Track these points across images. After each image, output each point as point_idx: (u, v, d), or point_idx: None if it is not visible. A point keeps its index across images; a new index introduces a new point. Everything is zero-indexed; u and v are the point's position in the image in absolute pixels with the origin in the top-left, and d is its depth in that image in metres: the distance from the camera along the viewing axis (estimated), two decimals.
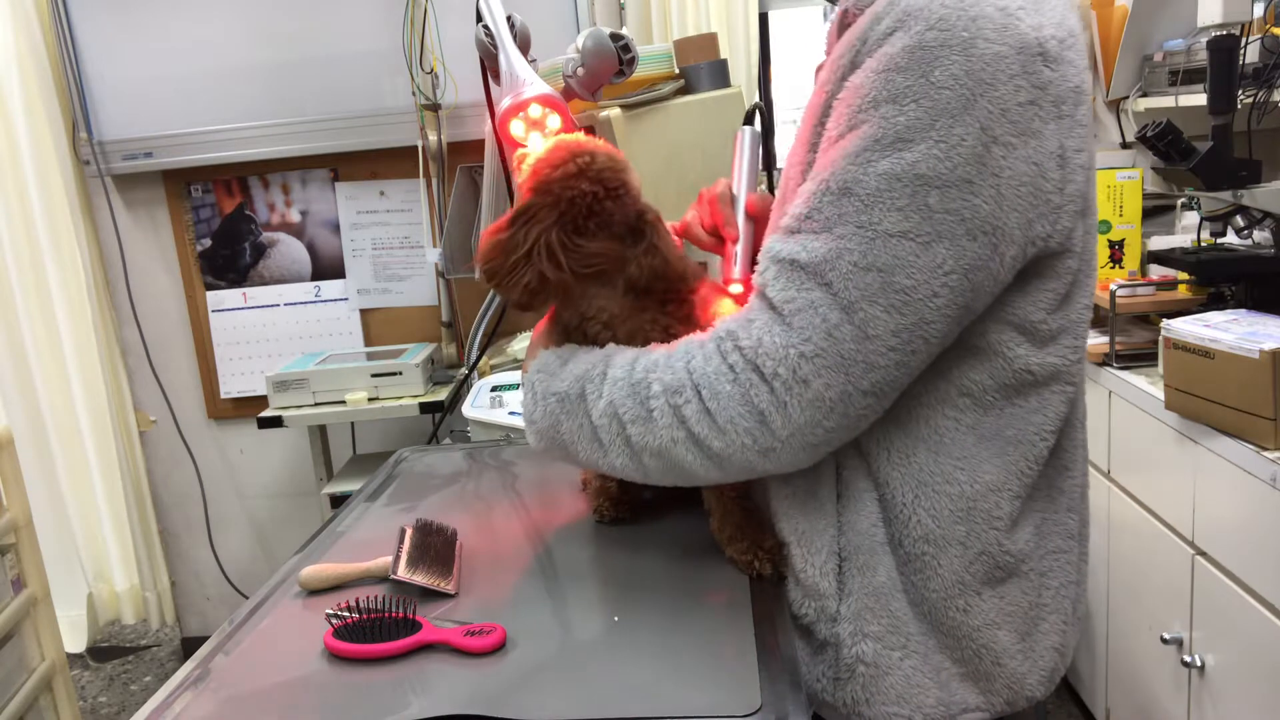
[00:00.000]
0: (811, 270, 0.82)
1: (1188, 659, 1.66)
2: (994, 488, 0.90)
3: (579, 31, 2.08)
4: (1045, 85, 0.81)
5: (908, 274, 0.80)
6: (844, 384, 0.81)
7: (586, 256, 0.94)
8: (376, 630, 0.87)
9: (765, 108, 2.85)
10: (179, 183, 2.83)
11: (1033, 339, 0.88)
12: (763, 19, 2.83)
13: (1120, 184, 2.08)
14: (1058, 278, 0.87)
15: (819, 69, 0.98)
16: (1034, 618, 0.94)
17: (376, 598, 0.90)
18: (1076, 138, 0.84)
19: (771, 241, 0.87)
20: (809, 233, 0.83)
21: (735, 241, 1.10)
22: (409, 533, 1.01)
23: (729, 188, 1.12)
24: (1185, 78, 2.19)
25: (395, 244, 2.85)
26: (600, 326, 0.99)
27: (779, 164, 2.86)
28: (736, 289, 1.08)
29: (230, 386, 2.94)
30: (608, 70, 1.94)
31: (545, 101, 1.56)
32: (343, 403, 2.50)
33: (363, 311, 2.90)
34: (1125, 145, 2.50)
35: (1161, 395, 1.67)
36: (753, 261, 1.06)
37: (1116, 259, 2.13)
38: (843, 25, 0.93)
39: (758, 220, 1.10)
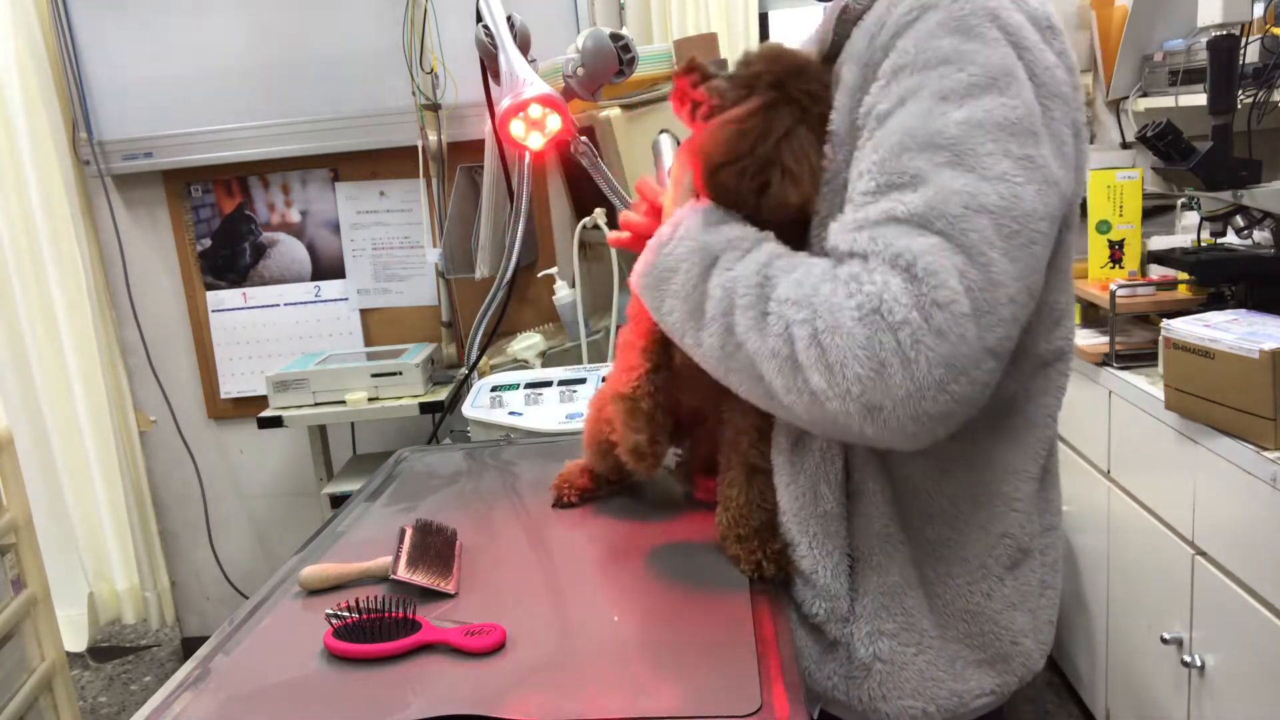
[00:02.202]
0: (917, 221, 0.75)
1: (1188, 659, 1.66)
2: (1013, 471, 0.92)
3: (579, 31, 2.08)
4: (1060, 54, 0.83)
5: (1012, 217, 0.75)
6: (976, 337, 0.73)
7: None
8: (376, 630, 0.87)
9: None
10: (179, 183, 2.83)
11: (1049, 319, 0.89)
12: (763, 19, 2.83)
13: (1120, 184, 2.08)
14: (1064, 254, 0.89)
15: None
16: (1039, 594, 0.97)
17: (376, 598, 0.90)
18: (1082, 111, 0.86)
19: (845, 218, 0.81)
20: (895, 190, 0.77)
21: None
22: (409, 533, 1.01)
23: (654, 179, 1.10)
24: (1185, 78, 2.19)
25: (395, 244, 2.85)
26: None
27: None
28: None
29: (230, 386, 2.94)
30: (608, 70, 1.94)
31: (545, 101, 1.56)
32: (343, 403, 2.50)
33: (363, 311, 2.90)
34: (1125, 145, 2.50)
35: (1161, 395, 1.67)
36: None
37: (1116, 259, 2.13)
38: (842, 20, 0.93)
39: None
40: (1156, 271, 2.11)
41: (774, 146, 0.87)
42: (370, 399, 2.52)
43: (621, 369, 1.02)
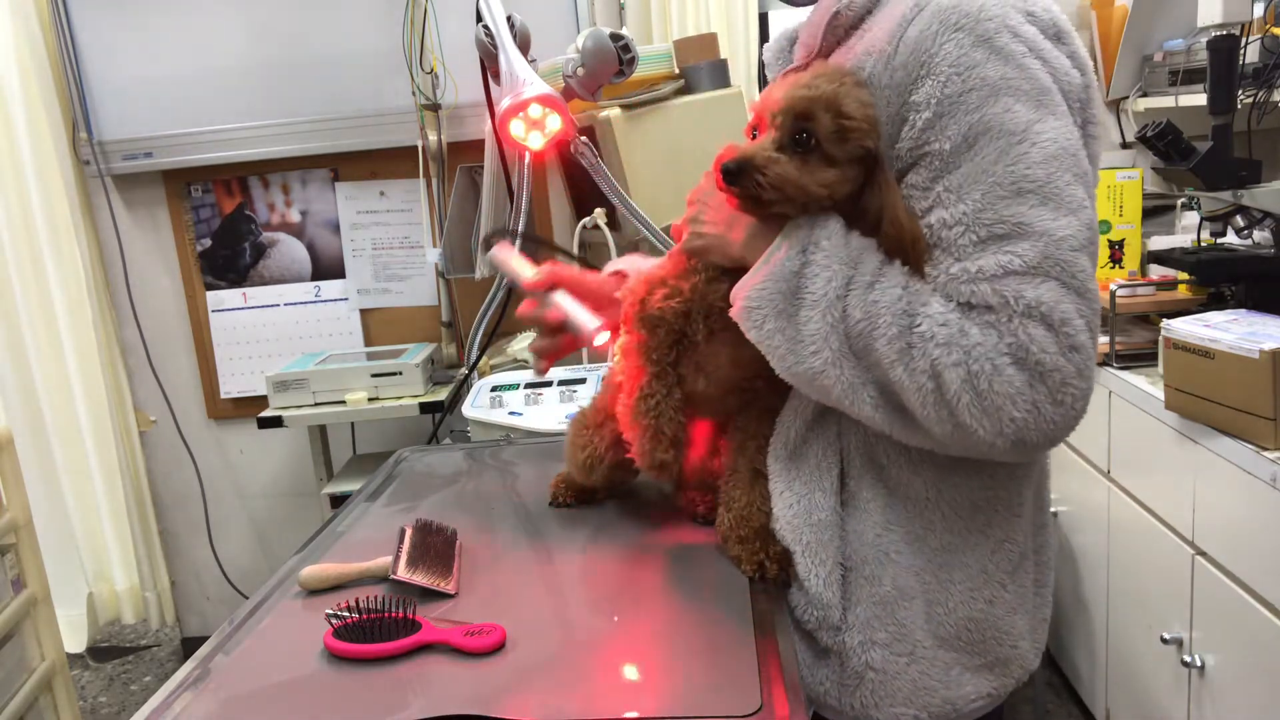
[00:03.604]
0: (1034, 270, 0.79)
1: (1188, 659, 1.66)
2: (1013, 476, 0.93)
3: (579, 31, 2.08)
4: (1071, 55, 0.86)
5: (1091, 241, 0.83)
6: (1093, 363, 0.81)
7: None
8: (376, 630, 0.87)
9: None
10: (179, 183, 2.83)
11: None
12: (763, 19, 2.83)
13: (1120, 184, 2.08)
14: None
15: (791, 72, 0.98)
16: (1034, 594, 0.97)
17: (376, 598, 0.90)
18: (1095, 107, 0.89)
19: (949, 266, 0.83)
20: (999, 240, 0.80)
21: (561, 321, 1.11)
22: (409, 533, 1.01)
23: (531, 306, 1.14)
24: (1185, 78, 2.19)
25: (395, 244, 2.85)
26: None
27: None
28: (603, 337, 1.11)
29: (230, 386, 2.94)
30: (608, 70, 1.94)
31: (545, 101, 1.57)
32: (343, 403, 2.50)
33: (363, 311, 2.90)
34: (1125, 145, 2.51)
35: (1161, 395, 1.67)
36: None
37: (1116, 259, 2.13)
38: (832, 26, 0.92)
39: (564, 284, 1.13)
40: (1156, 271, 2.11)
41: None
42: (370, 399, 2.52)
43: (637, 394, 1.02)
